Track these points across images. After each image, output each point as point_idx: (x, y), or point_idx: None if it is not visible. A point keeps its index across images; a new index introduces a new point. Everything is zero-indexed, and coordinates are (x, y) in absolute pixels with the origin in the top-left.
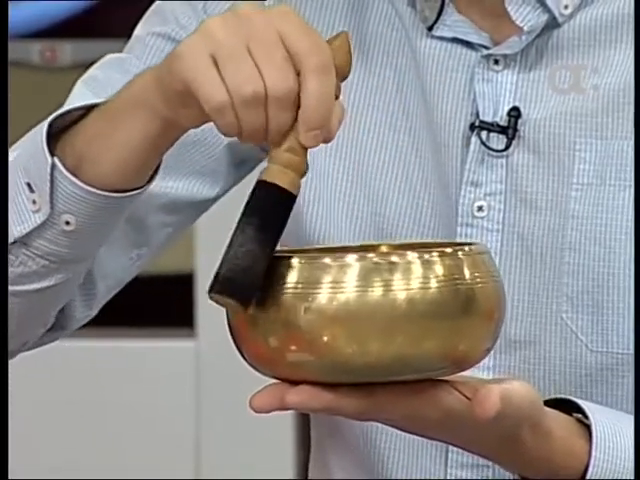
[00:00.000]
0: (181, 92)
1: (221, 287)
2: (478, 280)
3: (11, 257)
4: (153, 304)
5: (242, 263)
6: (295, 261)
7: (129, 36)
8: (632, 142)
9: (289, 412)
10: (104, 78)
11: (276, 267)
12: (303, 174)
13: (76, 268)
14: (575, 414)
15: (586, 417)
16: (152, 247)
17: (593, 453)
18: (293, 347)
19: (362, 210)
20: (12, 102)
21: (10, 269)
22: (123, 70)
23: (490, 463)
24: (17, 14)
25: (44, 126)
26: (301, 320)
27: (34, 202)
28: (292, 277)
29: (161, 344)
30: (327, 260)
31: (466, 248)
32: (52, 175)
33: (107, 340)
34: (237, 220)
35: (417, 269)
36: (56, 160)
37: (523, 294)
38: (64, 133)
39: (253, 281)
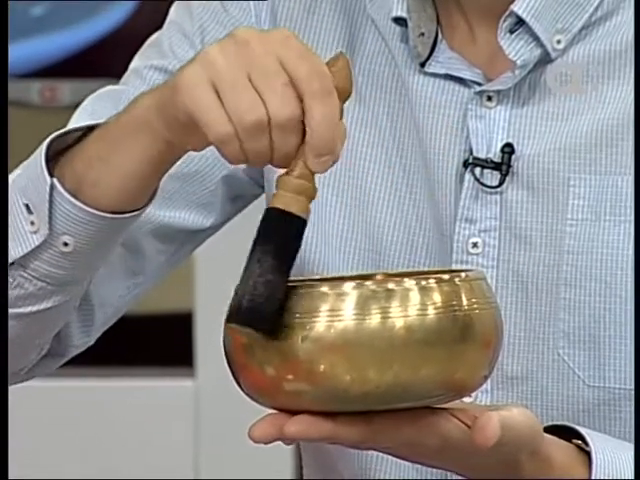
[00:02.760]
0: (185, 122)
1: (244, 318)
2: (476, 306)
3: (8, 279)
4: (152, 343)
5: (264, 293)
6: (292, 290)
7: None
8: (627, 177)
9: (288, 452)
10: (99, 109)
11: None
12: (313, 198)
13: (73, 290)
14: (575, 441)
15: (586, 444)
16: (148, 276)
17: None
18: (291, 376)
19: (358, 247)
20: (11, 141)
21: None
22: (120, 102)
23: None
24: (16, 53)
25: (42, 147)
26: (299, 349)
27: (32, 223)
28: (289, 306)
29: (160, 383)
30: (324, 289)
31: (463, 274)
32: (51, 196)
33: (106, 379)
34: (251, 247)
35: (414, 296)
36: (55, 181)
37: (519, 330)
38: (63, 155)
39: (275, 310)
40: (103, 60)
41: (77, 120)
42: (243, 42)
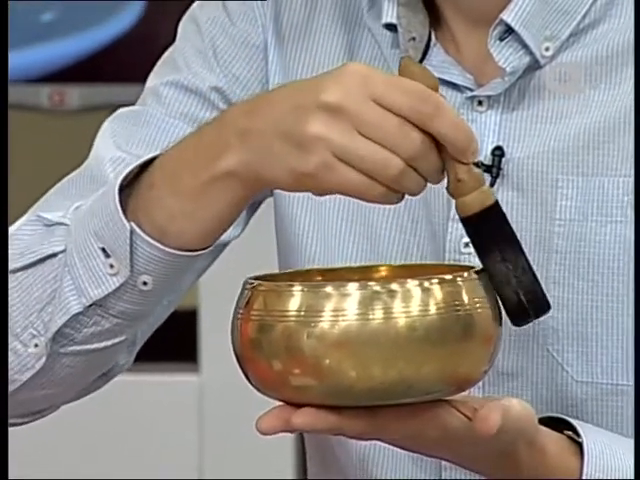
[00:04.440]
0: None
1: (540, 309)
2: (477, 305)
3: (84, 318)
4: (157, 339)
5: (529, 283)
6: (298, 289)
7: (136, 80)
8: (613, 179)
9: (290, 442)
10: (123, 131)
11: (280, 294)
12: (484, 182)
13: (142, 323)
14: (566, 432)
15: (577, 435)
16: (181, 293)
17: (585, 470)
18: (297, 371)
19: (356, 247)
20: (21, 145)
21: (83, 329)
22: (140, 122)
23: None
24: (26, 58)
25: (115, 193)
26: (304, 346)
27: (111, 266)
28: (295, 304)
29: (165, 378)
30: (329, 289)
31: (465, 274)
32: (131, 240)
33: None
34: (487, 254)
35: (417, 297)
36: (134, 226)
37: (510, 327)
38: (128, 194)
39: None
40: (111, 65)
41: (101, 142)
42: (334, 107)
